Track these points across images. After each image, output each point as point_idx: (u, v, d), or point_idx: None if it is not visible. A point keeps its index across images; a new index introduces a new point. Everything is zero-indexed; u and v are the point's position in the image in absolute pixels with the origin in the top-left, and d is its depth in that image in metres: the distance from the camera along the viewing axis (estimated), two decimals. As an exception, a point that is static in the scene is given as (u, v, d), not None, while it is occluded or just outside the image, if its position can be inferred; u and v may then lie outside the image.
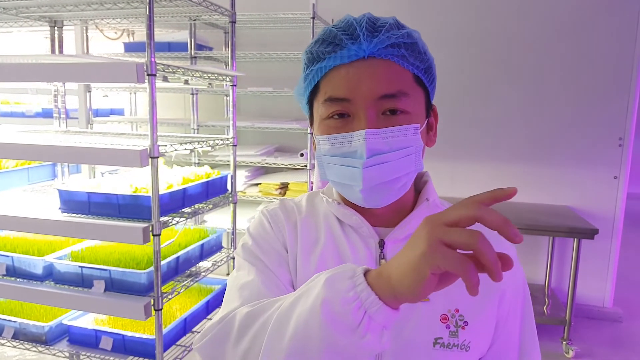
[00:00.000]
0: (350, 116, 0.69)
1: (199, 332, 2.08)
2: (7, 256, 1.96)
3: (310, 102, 0.76)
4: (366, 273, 0.54)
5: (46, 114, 3.49)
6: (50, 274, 1.94)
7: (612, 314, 3.29)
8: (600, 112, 3.16)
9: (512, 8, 3.20)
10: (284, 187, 3.27)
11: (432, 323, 0.71)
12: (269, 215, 0.81)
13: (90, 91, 3.24)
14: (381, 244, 0.75)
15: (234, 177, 2.30)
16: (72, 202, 1.85)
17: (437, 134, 0.77)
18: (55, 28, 2.47)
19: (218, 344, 0.65)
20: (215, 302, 2.32)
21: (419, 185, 0.82)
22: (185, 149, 1.89)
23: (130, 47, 3.41)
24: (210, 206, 2.12)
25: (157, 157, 1.67)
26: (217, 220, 3.21)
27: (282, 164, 3.21)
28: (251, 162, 3.25)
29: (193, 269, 2.13)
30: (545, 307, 3.02)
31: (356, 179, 0.68)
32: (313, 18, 2.93)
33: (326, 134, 0.71)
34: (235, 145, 2.26)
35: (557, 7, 3.13)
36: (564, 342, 2.84)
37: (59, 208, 1.88)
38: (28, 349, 2.00)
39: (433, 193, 0.79)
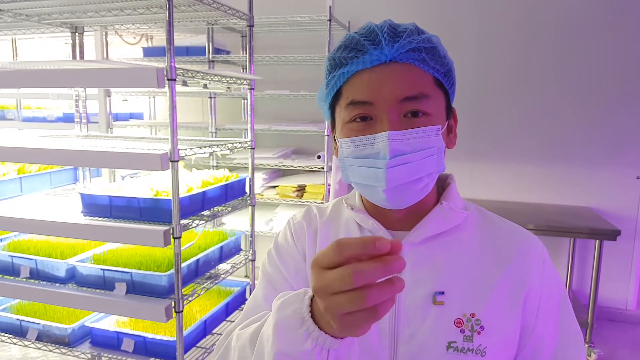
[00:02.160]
0: (372, 119, 0.70)
1: (220, 334, 2.08)
2: (31, 259, 2.00)
3: (332, 107, 0.78)
4: (312, 311, 0.55)
5: (67, 119, 3.55)
6: (72, 277, 1.97)
7: (635, 316, 3.22)
8: (622, 111, 3.10)
9: (533, 7, 3.16)
10: (301, 189, 3.28)
11: (446, 327, 0.71)
12: (292, 225, 0.86)
13: (110, 96, 3.29)
14: None
15: (252, 180, 2.31)
16: (94, 206, 1.88)
17: (457, 136, 0.78)
18: (77, 34, 2.51)
19: None
20: (235, 304, 2.33)
21: (443, 188, 0.82)
22: (205, 153, 1.90)
23: (149, 52, 3.46)
24: (229, 209, 2.13)
25: (178, 161, 1.69)
26: (235, 222, 3.22)
27: (299, 166, 3.22)
28: (268, 165, 3.26)
29: (212, 271, 2.15)
30: (566, 310, 2.97)
31: (379, 179, 0.69)
32: (329, 20, 2.94)
33: (349, 137, 0.72)
34: (253, 148, 2.27)
35: (578, 6, 3.09)
36: (586, 345, 2.79)
37: (81, 211, 1.91)
38: (51, 351, 2.04)
39: (452, 196, 0.79)
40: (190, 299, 1.86)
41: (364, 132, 0.70)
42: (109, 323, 2.07)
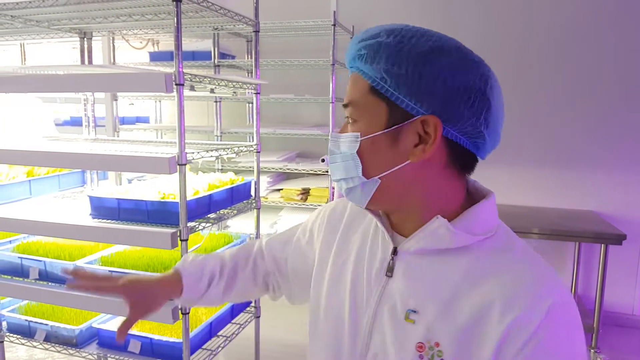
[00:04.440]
0: None
1: (226, 337, 2.08)
2: (40, 261, 2.02)
3: None
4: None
5: (74, 122, 3.59)
6: (80, 278, 1.99)
7: (641, 321, 3.21)
8: (628, 114, 3.10)
9: (537, 6, 3.17)
10: (306, 192, 3.30)
11: (408, 347, 0.70)
12: (328, 215, 0.94)
13: (116, 99, 3.32)
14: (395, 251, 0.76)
15: (257, 183, 2.33)
16: (102, 208, 1.90)
17: (434, 148, 0.68)
18: (85, 39, 2.54)
19: None
20: (240, 307, 2.34)
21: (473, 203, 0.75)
22: (211, 156, 1.92)
23: (155, 57, 3.49)
24: (235, 212, 2.15)
25: (185, 164, 1.71)
26: (240, 225, 3.24)
27: (304, 170, 3.24)
28: (273, 168, 3.28)
29: (218, 273, 2.16)
30: (571, 314, 2.96)
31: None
32: (334, 25, 2.96)
33: None
34: (259, 152, 2.29)
35: (584, 6, 3.10)
36: (592, 350, 2.78)
37: (90, 214, 1.93)
38: (59, 352, 2.06)
39: (468, 215, 0.71)
40: (196, 301, 1.87)
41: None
42: (116, 324, 2.09)
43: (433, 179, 0.72)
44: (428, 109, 0.67)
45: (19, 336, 2.13)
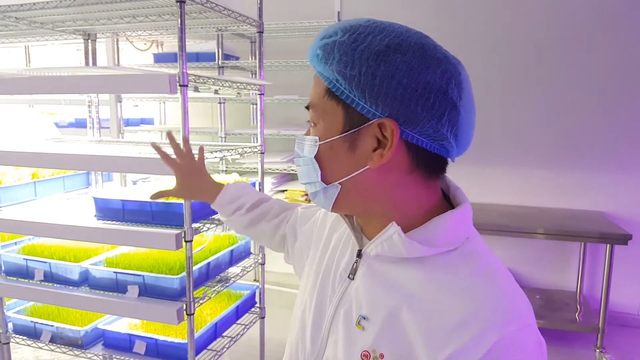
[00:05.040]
0: None
1: (231, 337, 2.09)
2: (45, 262, 2.03)
3: None
4: None
5: (79, 124, 3.60)
6: (86, 280, 2.00)
7: (647, 321, 3.20)
8: (634, 114, 3.09)
9: (540, 7, 3.16)
10: (310, 193, 3.29)
11: (353, 354, 0.68)
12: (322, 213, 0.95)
13: (121, 101, 3.33)
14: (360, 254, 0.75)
15: (261, 185, 2.32)
16: (107, 210, 1.91)
17: (392, 153, 0.64)
18: (89, 41, 2.55)
19: None
20: (245, 307, 2.34)
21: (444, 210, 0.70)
22: (216, 157, 1.93)
23: (159, 58, 3.50)
24: (239, 213, 2.15)
25: (189, 165, 1.71)
26: (244, 226, 3.24)
27: (308, 171, 3.23)
28: (277, 169, 3.28)
29: (223, 274, 2.16)
30: (577, 314, 2.96)
31: None
32: (338, 26, 2.96)
33: None
34: (263, 153, 2.29)
35: (588, 6, 3.08)
36: (597, 350, 2.77)
37: (95, 215, 1.94)
38: (64, 353, 2.06)
39: (430, 226, 0.67)
40: (201, 301, 1.88)
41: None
42: (121, 325, 2.10)
43: (395, 185, 0.67)
44: (384, 111, 0.63)
45: (24, 337, 2.13)
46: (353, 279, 0.73)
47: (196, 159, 1.15)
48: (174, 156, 1.16)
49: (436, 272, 0.65)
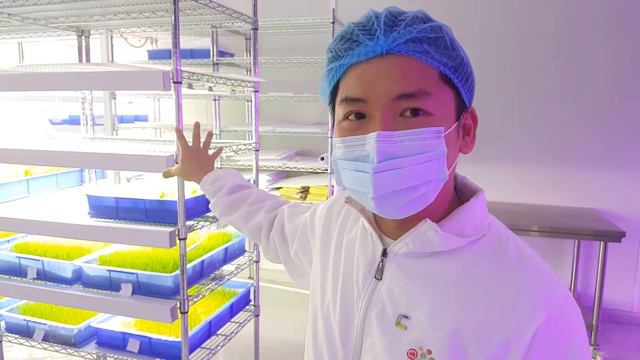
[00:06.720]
0: (366, 117, 0.64)
1: (225, 335, 2.08)
2: (38, 260, 2.01)
3: (333, 103, 0.72)
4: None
5: (72, 121, 3.58)
6: (79, 278, 1.99)
7: (640, 318, 3.22)
8: (627, 111, 3.10)
9: (539, 6, 3.17)
10: (305, 190, 3.29)
11: (399, 354, 0.66)
12: (323, 208, 0.91)
13: (115, 98, 3.31)
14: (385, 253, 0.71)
15: (256, 182, 2.32)
16: (100, 207, 1.89)
17: (475, 139, 0.69)
18: (83, 37, 2.53)
19: None
20: (239, 305, 2.34)
21: (463, 201, 0.71)
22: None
23: (154, 55, 3.48)
24: (234, 210, 2.14)
25: (183, 163, 1.70)
26: (239, 224, 3.23)
27: (303, 168, 3.23)
28: (272, 167, 3.27)
29: (217, 272, 2.16)
30: (571, 312, 2.97)
31: (367, 185, 0.62)
32: (333, 23, 2.95)
33: (340, 136, 0.66)
34: (258, 150, 2.28)
35: (587, 6, 3.09)
36: (591, 347, 2.79)
37: (88, 213, 1.93)
38: (57, 351, 2.05)
39: (456, 216, 0.67)
40: (195, 299, 1.87)
41: (356, 132, 0.64)
42: (115, 324, 2.09)
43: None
44: (470, 97, 0.69)
45: (17, 336, 2.12)
46: (381, 279, 0.71)
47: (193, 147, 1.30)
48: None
49: (472, 263, 0.66)
